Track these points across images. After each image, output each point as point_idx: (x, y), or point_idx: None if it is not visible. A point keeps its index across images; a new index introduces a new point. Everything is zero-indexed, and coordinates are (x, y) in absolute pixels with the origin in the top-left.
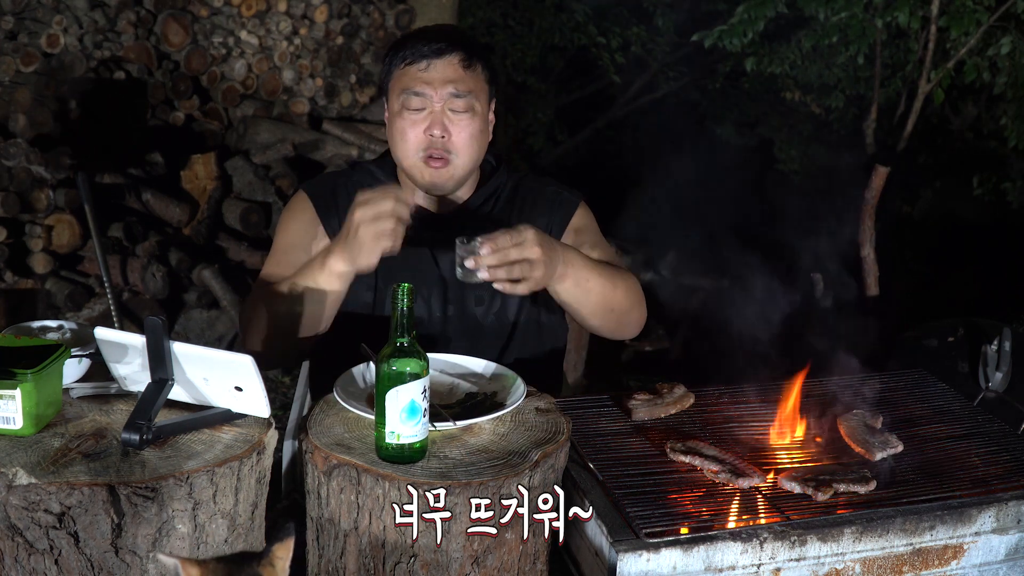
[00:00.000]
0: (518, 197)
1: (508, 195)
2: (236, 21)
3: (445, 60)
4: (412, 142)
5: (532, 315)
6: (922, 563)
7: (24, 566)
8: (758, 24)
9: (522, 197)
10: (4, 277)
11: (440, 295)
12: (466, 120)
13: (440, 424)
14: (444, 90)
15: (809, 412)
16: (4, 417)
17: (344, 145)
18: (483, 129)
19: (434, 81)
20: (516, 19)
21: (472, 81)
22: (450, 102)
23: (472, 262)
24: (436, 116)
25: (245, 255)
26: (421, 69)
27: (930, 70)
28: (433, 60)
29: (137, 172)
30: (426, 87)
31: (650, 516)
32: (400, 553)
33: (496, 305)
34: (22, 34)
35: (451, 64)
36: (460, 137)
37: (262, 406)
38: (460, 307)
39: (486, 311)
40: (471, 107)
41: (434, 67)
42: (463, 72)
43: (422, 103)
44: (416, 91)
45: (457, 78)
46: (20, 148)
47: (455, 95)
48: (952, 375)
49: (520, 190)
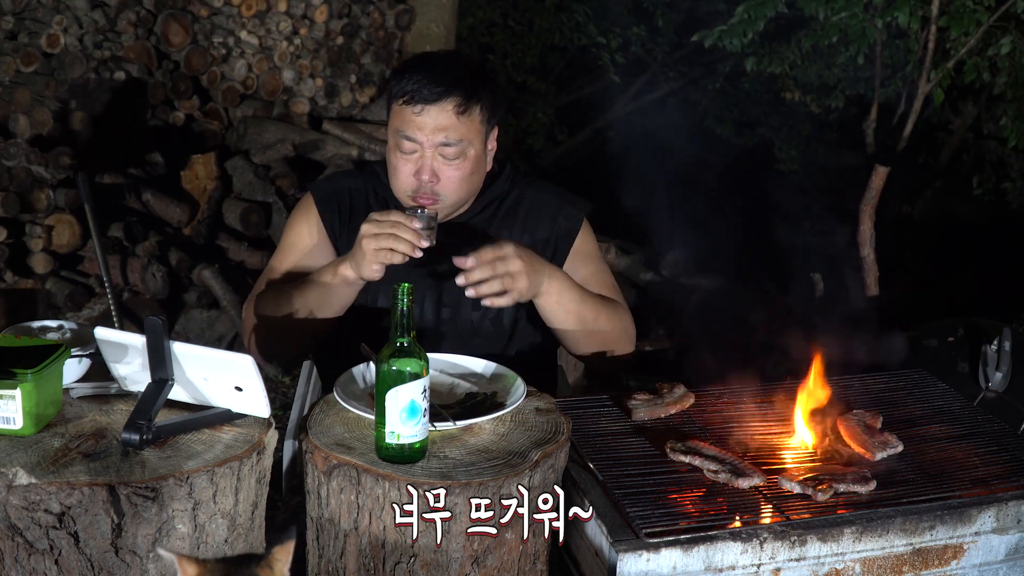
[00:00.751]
0: (521, 209)
1: (511, 204)
2: (236, 21)
3: (439, 107)
4: (402, 181)
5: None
6: (922, 563)
7: (24, 566)
8: (758, 24)
9: (525, 210)
10: (4, 277)
11: (434, 298)
12: (456, 165)
13: (440, 424)
14: (435, 138)
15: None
16: (4, 417)
17: (344, 145)
18: (476, 169)
19: (425, 128)
20: (516, 19)
21: (465, 127)
22: (440, 149)
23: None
24: (426, 161)
25: (245, 255)
26: (415, 113)
27: (930, 70)
28: (427, 106)
29: (137, 172)
30: (417, 133)
31: (650, 516)
32: (400, 553)
33: (492, 310)
34: (22, 34)
35: (445, 111)
36: (448, 180)
37: (262, 406)
38: (454, 310)
39: (482, 316)
40: (462, 153)
41: (427, 113)
42: (456, 120)
43: (413, 147)
44: (407, 135)
45: (449, 126)
46: (20, 148)
47: (445, 144)
48: (952, 375)
49: (524, 201)
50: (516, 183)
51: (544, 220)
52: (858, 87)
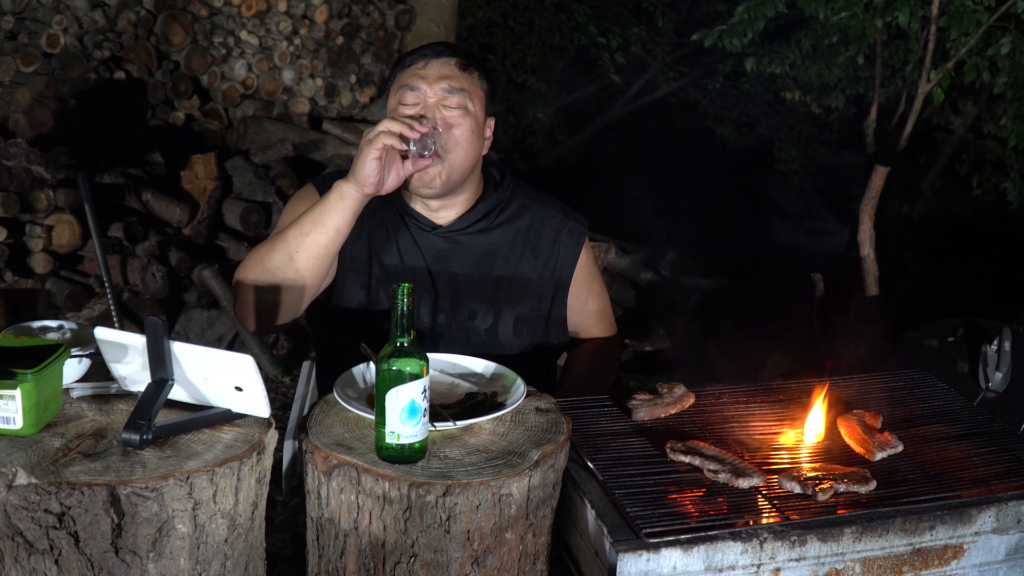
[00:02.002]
0: (523, 223)
1: (511, 215)
2: (236, 21)
3: (442, 60)
4: None
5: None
6: (922, 563)
7: (24, 566)
8: (758, 24)
9: (527, 224)
10: (4, 277)
11: (431, 302)
12: (458, 116)
13: (440, 424)
14: (439, 85)
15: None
16: (4, 417)
17: (344, 145)
18: (476, 132)
19: (429, 76)
20: (516, 19)
21: (467, 81)
22: (444, 98)
23: None
24: (429, 110)
25: (245, 255)
26: (419, 67)
27: (930, 70)
28: (431, 59)
29: (137, 172)
30: (421, 81)
31: (650, 516)
32: (400, 553)
33: (488, 321)
34: (22, 34)
35: (447, 64)
36: (452, 133)
37: (262, 406)
38: (449, 316)
39: (478, 326)
40: (464, 105)
41: (431, 65)
42: (459, 72)
43: (416, 97)
44: (411, 85)
45: (452, 75)
46: (20, 148)
47: (449, 91)
48: (952, 375)
49: (526, 214)
50: (517, 192)
51: (547, 233)
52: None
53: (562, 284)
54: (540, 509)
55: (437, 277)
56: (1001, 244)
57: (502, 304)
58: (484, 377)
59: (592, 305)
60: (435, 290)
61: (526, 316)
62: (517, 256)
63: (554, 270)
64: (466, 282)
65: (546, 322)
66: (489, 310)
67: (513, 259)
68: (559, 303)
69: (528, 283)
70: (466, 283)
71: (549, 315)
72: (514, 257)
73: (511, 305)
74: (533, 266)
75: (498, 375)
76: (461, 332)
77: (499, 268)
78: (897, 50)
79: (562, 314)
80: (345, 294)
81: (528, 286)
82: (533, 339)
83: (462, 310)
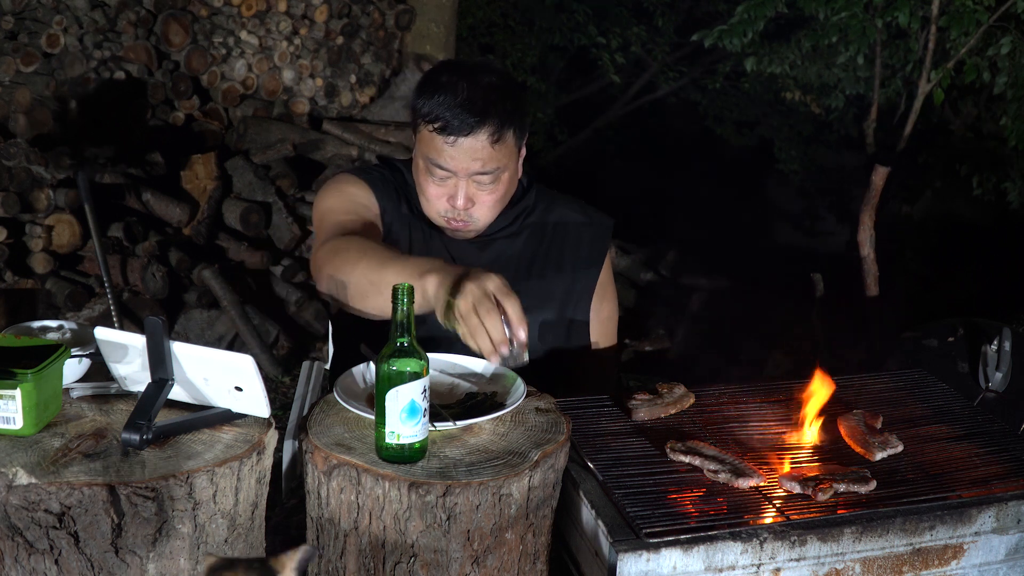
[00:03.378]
0: (548, 228)
1: (537, 221)
2: (236, 21)
3: (473, 137)
4: (434, 203)
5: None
6: (922, 563)
7: (24, 566)
8: (758, 24)
9: (552, 229)
10: (4, 277)
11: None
12: (490, 189)
13: (440, 424)
14: (470, 167)
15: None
16: (4, 417)
17: (344, 145)
18: (509, 188)
19: (459, 159)
20: (516, 19)
21: (500, 155)
22: (475, 177)
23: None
24: (460, 189)
25: (245, 255)
26: (448, 143)
27: (930, 70)
28: (461, 138)
29: (137, 172)
30: (451, 162)
31: (650, 516)
32: (400, 553)
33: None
34: (22, 34)
35: (479, 141)
36: (483, 204)
37: (262, 406)
38: None
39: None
40: (497, 179)
41: (460, 145)
42: (491, 149)
43: (446, 175)
44: (440, 164)
45: (485, 158)
46: (20, 148)
47: (480, 172)
48: (952, 375)
49: (551, 216)
50: (541, 197)
51: (571, 240)
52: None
53: (587, 289)
54: (540, 509)
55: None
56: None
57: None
58: (484, 377)
59: (605, 311)
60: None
61: (551, 322)
62: (543, 261)
63: (579, 275)
64: None
65: (568, 327)
66: None
67: (539, 264)
68: (583, 308)
69: (554, 289)
70: None
71: (572, 320)
72: (539, 262)
73: (537, 311)
74: (559, 271)
75: (498, 375)
76: None
77: (526, 274)
78: (897, 50)
79: (585, 319)
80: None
81: (554, 292)
82: (555, 344)
83: None
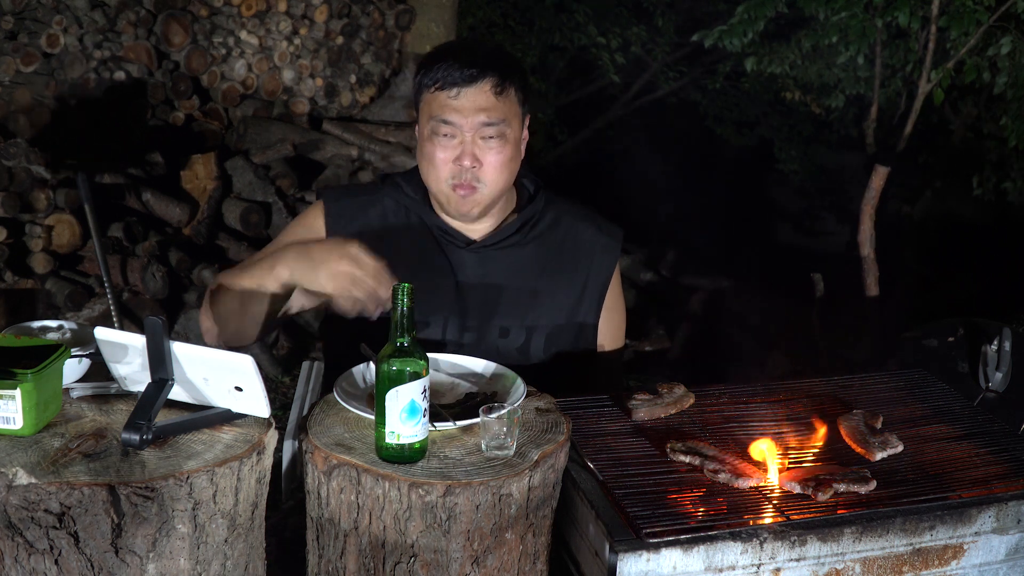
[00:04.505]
0: (557, 237)
1: (545, 230)
2: (236, 21)
3: (476, 87)
4: (441, 169)
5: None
6: (922, 563)
7: (24, 566)
8: (758, 24)
9: (561, 239)
10: (4, 277)
11: (458, 321)
12: (496, 147)
13: (440, 424)
14: (475, 119)
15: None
16: (4, 417)
17: (344, 145)
18: (514, 154)
19: (464, 110)
20: (516, 19)
21: (504, 107)
22: (481, 131)
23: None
24: (466, 146)
25: (245, 255)
26: (451, 96)
27: (930, 70)
28: (464, 88)
29: (137, 172)
30: (456, 115)
31: (650, 516)
32: (400, 553)
33: (520, 339)
34: (22, 34)
35: (482, 91)
36: (490, 166)
37: (262, 406)
38: (478, 335)
39: (509, 344)
40: (502, 134)
41: (465, 95)
42: (495, 100)
43: (452, 131)
44: (446, 119)
45: (489, 106)
46: (20, 148)
47: (486, 123)
48: (952, 375)
49: (560, 227)
50: (550, 205)
51: (581, 250)
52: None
53: (596, 301)
54: (540, 509)
55: (469, 294)
56: (1001, 244)
57: (535, 321)
58: (484, 377)
59: (615, 320)
60: (465, 308)
61: (558, 334)
62: (551, 272)
63: (588, 286)
64: (499, 299)
65: (577, 335)
66: (521, 328)
67: (547, 275)
68: (592, 315)
69: (562, 300)
70: (499, 300)
71: (581, 330)
72: (548, 273)
73: (544, 322)
74: (567, 282)
75: (498, 375)
76: (491, 351)
77: (533, 284)
78: (897, 50)
79: (594, 323)
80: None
81: (562, 303)
82: (563, 347)
83: (492, 328)
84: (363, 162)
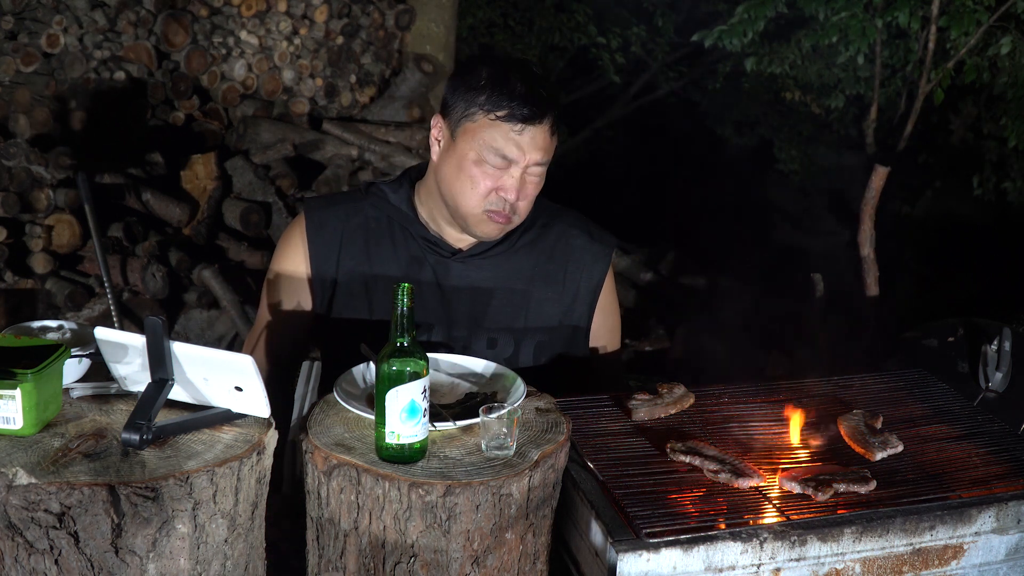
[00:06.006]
0: (546, 245)
1: (534, 237)
2: (236, 21)
3: (539, 127)
4: (482, 195)
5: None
6: (922, 563)
7: (24, 566)
8: (758, 24)
9: (551, 246)
10: (4, 277)
11: (444, 331)
12: (537, 182)
13: (440, 424)
14: (532, 156)
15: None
16: (4, 417)
17: (344, 145)
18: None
19: (525, 147)
20: (516, 19)
21: (552, 147)
22: (531, 168)
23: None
24: (515, 180)
25: (245, 255)
26: (515, 131)
27: (930, 70)
28: (528, 125)
29: (137, 172)
30: (516, 152)
31: (650, 516)
32: (400, 553)
33: (509, 350)
34: (22, 34)
35: (543, 131)
36: (527, 199)
37: (262, 406)
38: (465, 345)
39: (496, 356)
40: (544, 173)
41: (527, 132)
42: (550, 140)
43: (503, 164)
44: (505, 154)
45: (545, 147)
46: (20, 148)
47: (538, 163)
48: (952, 375)
49: (549, 235)
50: (540, 211)
51: (572, 259)
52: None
53: (587, 308)
54: (540, 509)
55: (456, 305)
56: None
57: (524, 331)
58: (484, 377)
59: (609, 322)
60: (452, 318)
61: (548, 343)
62: (541, 280)
63: (579, 295)
64: (487, 309)
65: (568, 342)
66: (510, 337)
67: (537, 283)
68: (584, 324)
69: (552, 309)
70: (487, 310)
71: (573, 335)
72: (537, 281)
73: (533, 331)
74: (557, 291)
75: (498, 375)
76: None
77: (522, 291)
78: (897, 50)
79: (586, 327)
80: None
81: (552, 312)
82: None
83: (480, 339)
84: (363, 162)
